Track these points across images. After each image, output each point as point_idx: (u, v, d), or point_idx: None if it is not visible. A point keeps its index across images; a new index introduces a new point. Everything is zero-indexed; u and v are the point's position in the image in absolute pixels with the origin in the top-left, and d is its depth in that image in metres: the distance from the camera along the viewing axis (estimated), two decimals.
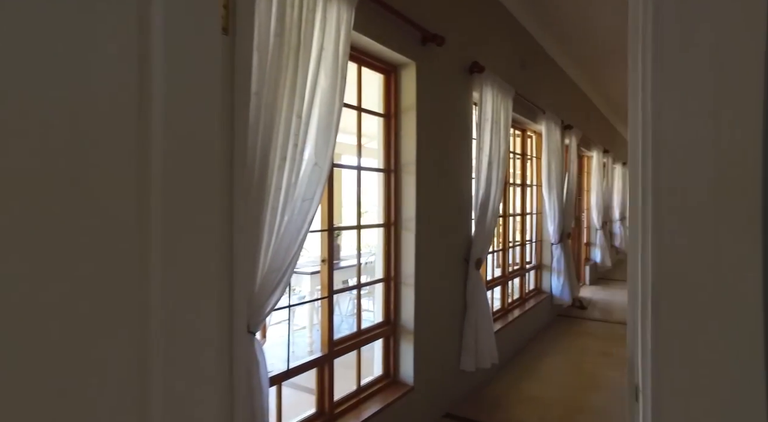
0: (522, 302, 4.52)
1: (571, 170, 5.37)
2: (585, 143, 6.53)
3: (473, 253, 2.99)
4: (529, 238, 4.93)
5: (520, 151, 4.67)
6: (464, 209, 3.05)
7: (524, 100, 3.97)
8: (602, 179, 7.37)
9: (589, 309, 5.61)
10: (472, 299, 2.96)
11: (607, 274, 8.21)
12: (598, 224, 7.36)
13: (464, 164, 3.07)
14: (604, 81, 6.36)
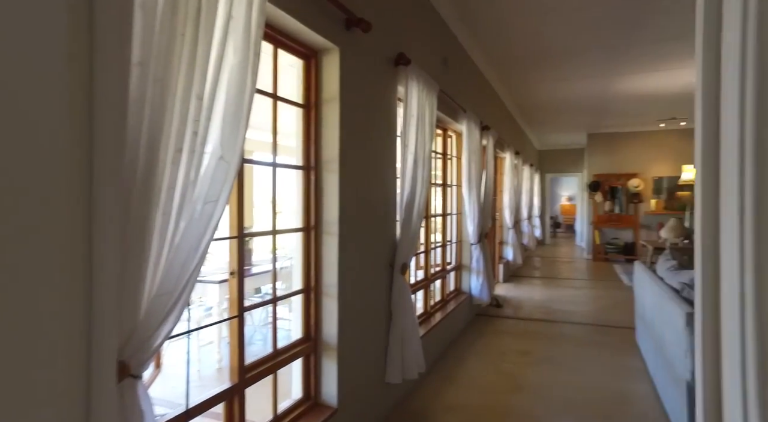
0: (444, 305, 4.46)
1: (489, 170, 5.45)
2: (499, 144, 6.71)
3: (398, 257, 2.82)
4: (449, 239, 4.90)
5: (442, 150, 4.61)
6: (389, 210, 2.87)
7: (447, 98, 3.90)
8: (514, 180, 7.66)
9: (504, 307, 5.75)
10: (398, 307, 2.79)
11: (518, 271, 8.57)
12: (510, 223, 7.64)
13: (389, 162, 2.88)
14: (516, 85, 6.58)
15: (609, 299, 6.19)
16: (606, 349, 4.06)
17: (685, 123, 9.30)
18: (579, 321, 5.09)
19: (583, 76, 6.00)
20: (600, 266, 9.35)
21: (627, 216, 10.28)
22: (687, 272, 2.81)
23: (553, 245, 13.58)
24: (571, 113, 8.52)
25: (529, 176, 10.23)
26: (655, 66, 5.58)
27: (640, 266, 4.00)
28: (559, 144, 13.17)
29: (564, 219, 18.84)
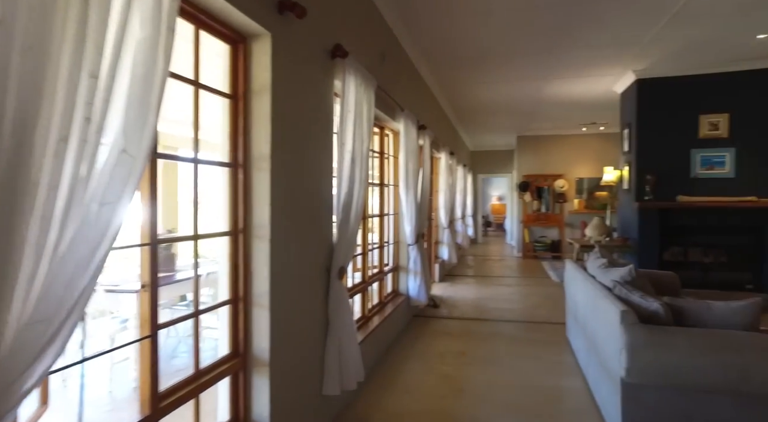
0: (382, 307, 4.35)
1: (425, 170, 5.42)
2: (435, 144, 6.73)
3: (336, 261, 2.66)
4: (387, 240, 4.81)
5: (379, 149, 4.50)
6: (326, 212, 2.69)
7: (385, 95, 3.79)
8: (449, 180, 7.75)
9: (441, 307, 5.75)
10: (336, 314, 2.62)
11: (453, 270, 8.69)
12: (445, 222, 7.71)
13: (326, 161, 2.71)
14: (452, 85, 6.64)
15: (539, 295, 6.41)
16: (539, 346, 4.15)
17: (604, 128, 9.92)
18: (512, 318, 5.20)
19: (516, 78, 6.17)
20: (529, 264, 9.74)
21: (553, 215, 10.80)
22: (617, 270, 2.90)
23: (485, 244, 14.01)
24: (502, 115, 8.77)
25: (463, 176, 10.44)
26: (581, 72, 5.84)
27: (571, 265, 4.13)
28: (490, 146, 13.60)
29: (495, 218, 19.56)
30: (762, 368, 2.02)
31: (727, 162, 5.57)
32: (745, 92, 5.52)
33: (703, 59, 5.34)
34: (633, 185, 5.91)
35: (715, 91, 5.60)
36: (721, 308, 2.29)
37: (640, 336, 2.15)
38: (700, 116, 5.63)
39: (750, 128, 5.51)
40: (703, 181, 5.64)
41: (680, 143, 5.71)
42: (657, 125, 5.76)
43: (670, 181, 5.70)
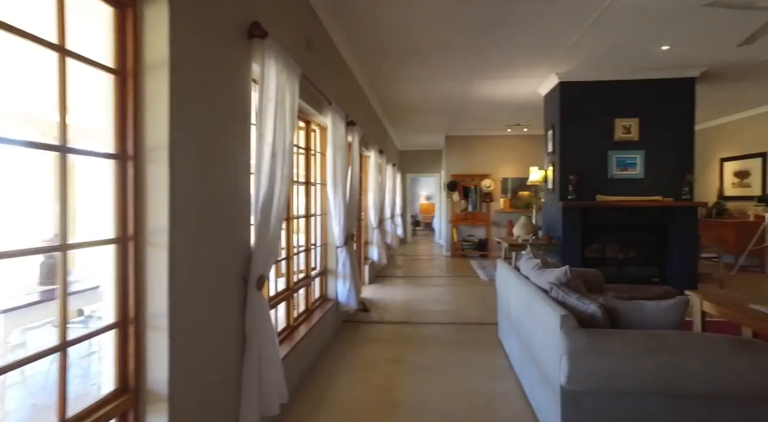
0: (309, 315, 4.05)
1: (354, 168, 5.18)
2: (364, 142, 6.51)
3: (254, 269, 2.33)
4: (314, 242, 4.50)
5: (305, 145, 4.19)
6: (241, 213, 2.36)
7: (311, 86, 3.49)
8: (378, 179, 7.57)
9: (371, 311, 5.54)
10: (254, 329, 2.29)
11: (383, 271, 8.54)
12: (375, 223, 7.52)
13: (241, 154, 2.37)
14: (381, 81, 6.45)
15: (469, 295, 6.41)
16: (473, 349, 4.07)
17: (527, 129, 10.29)
18: (444, 320, 5.11)
19: (446, 77, 6.11)
20: (458, 263, 9.85)
21: (480, 214, 11.03)
22: (552, 271, 2.84)
23: (414, 243, 14.07)
24: (431, 114, 8.76)
25: (392, 175, 10.35)
26: (509, 72, 5.90)
27: (502, 265, 4.08)
28: (419, 145, 13.67)
29: (423, 218, 19.81)
30: (693, 366, 2.00)
31: (638, 164, 5.89)
32: (651, 99, 5.87)
33: (618, 66, 5.59)
34: (557, 185, 6.08)
35: (627, 96, 5.91)
36: (653, 307, 2.27)
37: (581, 342, 2.06)
38: (615, 119, 5.91)
39: (655, 133, 5.87)
40: (619, 181, 5.93)
41: (599, 145, 5.96)
42: (578, 126, 5.97)
43: (590, 181, 5.93)
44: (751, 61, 5.50)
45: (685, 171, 5.84)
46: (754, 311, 3.28)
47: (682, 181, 5.81)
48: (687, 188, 5.79)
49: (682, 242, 5.79)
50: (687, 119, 5.87)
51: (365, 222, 7.73)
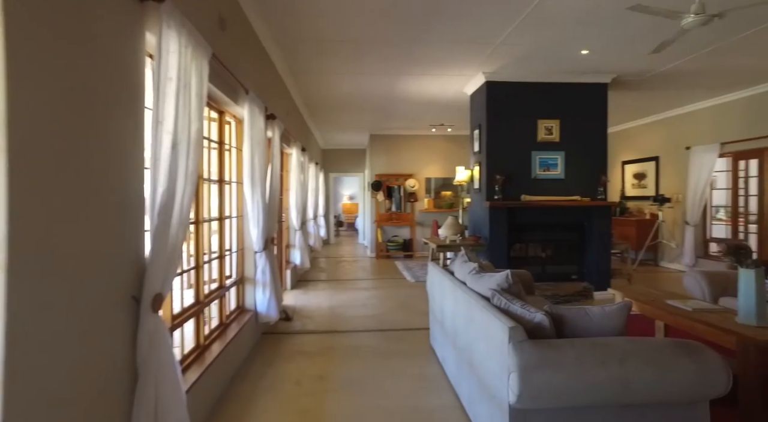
0: (224, 330, 3.57)
1: (275, 166, 4.74)
2: (285, 138, 6.08)
3: (149, 285, 1.87)
4: (228, 247, 4.02)
5: (218, 139, 3.70)
6: (131, 216, 1.90)
7: (225, 70, 3.04)
8: (301, 178, 7.14)
9: (294, 320, 5.13)
10: (149, 360, 1.84)
11: (306, 275, 8.12)
12: (297, 224, 7.09)
13: (132, 144, 1.91)
14: (304, 74, 6.05)
15: (397, 298, 6.22)
16: (404, 358, 3.84)
17: (451, 129, 10.38)
18: (373, 327, 4.85)
19: (372, 71, 5.85)
20: (383, 264, 9.67)
21: (405, 214, 10.96)
22: (492, 277, 2.67)
23: (337, 245, 13.72)
24: (356, 111, 8.48)
25: (315, 174, 9.93)
26: (436, 70, 5.77)
27: (435, 269, 3.89)
28: (342, 144, 13.35)
29: (346, 218, 19.52)
30: (642, 375, 1.90)
31: (559, 164, 6.06)
32: (570, 102, 6.07)
33: (541, 68, 5.69)
34: (484, 185, 6.08)
35: (549, 98, 6.05)
36: (597, 313, 2.17)
37: (532, 356, 1.88)
38: (538, 120, 6.03)
39: (574, 135, 6.08)
40: (542, 181, 6.05)
41: (523, 145, 6.04)
42: (504, 126, 6.01)
43: (515, 181, 5.99)
44: (651, 72, 5.87)
45: (599, 172, 6.10)
46: (671, 307, 3.38)
47: (597, 182, 6.06)
48: (602, 188, 6.05)
49: (598, 240, 6.04)
50: (600, 122, 6.14)
51: (287, 224, 7.27)
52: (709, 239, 8.15)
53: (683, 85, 6.68)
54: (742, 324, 2.91)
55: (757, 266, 2.94)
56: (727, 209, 7.90)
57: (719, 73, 6.01)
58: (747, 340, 2.70)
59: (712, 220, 8.20)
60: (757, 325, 2.86)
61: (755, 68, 5.84)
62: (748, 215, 7.55)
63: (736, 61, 5.52)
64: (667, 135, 8.84)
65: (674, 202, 8.49)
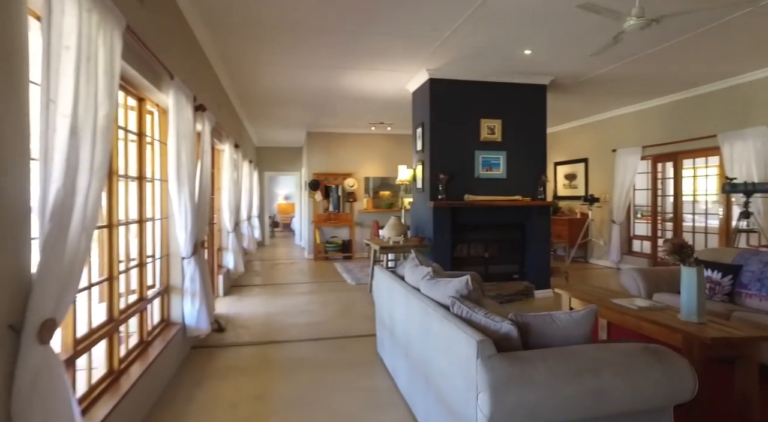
0: (144, 349, 3.11)
1: (206, 163, 4.29)
2: (217, 133, 5.59)
3: (35, 309, 1.46)
4: (151, 253, 3.54)
5: (137, 129, 3.23)
6: (7, 220, 1.48)
7: (144, 49, 2.61)
8: (234, 176, 6.63)
9: (228, 330, 4.70)
10: (31, 409, 1.44)
11: (240, 280, 7.60)
12: (230, 226, 6.59)
13: (9, 126, 1.49)
14: (238, 65, 5.59)
15: (338, 303, 5.93)
16: (351, 369, 3.57)
17: (391, 128, 10.23)
18: (314, 335, 4.53)
19: (311, 64, 5.51)
20: (322, 266, 9.32)
21: (344, 215, 10.67)
22: (448, 282, 2.48)
23: (273, 246, 13.15)
24: (294, 107, 8.08)
25: (249, 173, 9.38)
26: (379, 64, 5.55)
27: (382, 273, 3.66)
28: (278, 141, 12.80)
29: (282, 218, 18.87)
30: (615, 386, 1.79)
31: (501, 164, 6.07)
32: (512, 102, 6.11)
33: (485, 67, 5.66)
34: (427, 184, 5.95)
35: (492, 98, 6.04)
36: (564, 320, 2.04)
37: (503, 373, 1.70)
38: (481, 119, 6.00)
39: (515, 135, 6.12)
40: (485, 181, 6.03)
41: (467, 144, 5.98)
42: (448, 125, 5.92)
43: (459, 180, 5.92)
44: (585, 76, 6.04)
45: (539, 172, 6.19)
46: (617, 306, 3.39)
47: (537, 181, 6.15)
48: (541, 188, 6.15)
49: (538, 239, 6.13)
50: (540, 123, 6.24)
51: (218, 226, 6.73)
52: (632, 236, 8.63)
53: (612, 91, 6.97)
54: (685, 321, 2.95)
55: (699, 264, 3.00)
56: (647, 208, 8.40)
57: (645, 79, 6.31)
58: (692, 337, 2.73)
59: (635, 219, 8.70)
60: (698, 322, 2.92)
61: (674, 77, 6.20)
62: (665, 214, 8.08)
63: (660, 70, 5.81)
64: (595, 138, 9.26)
65: (602, 202, 8.91)
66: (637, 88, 6.90)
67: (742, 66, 5.78)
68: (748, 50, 5.13)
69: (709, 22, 4.24)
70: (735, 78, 6.29)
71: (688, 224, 7.58)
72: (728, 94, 6.49)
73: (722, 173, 6.83)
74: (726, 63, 5.59)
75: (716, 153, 6.88)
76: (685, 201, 7.64)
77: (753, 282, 4.04)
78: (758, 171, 6.06)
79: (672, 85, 6.71)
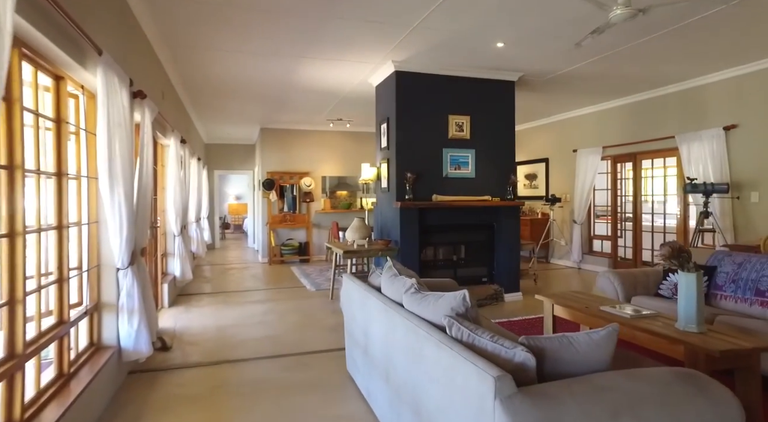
0: (65, 384, 2.55)
1: (146, 158, 3.71)
2: (160, 125, 4.98)
3: None
4: (76, 265, 2.96)
5: (54, 114, 2.65)
6: None
7: (58, 12, 2.08)
8: (181, 174, 5.99)
9: (173, 349, 4.13)
10: None
11: (188, 288, 6.94)
12: (176, 229, 5.94)
13: None
14: (185, 50, 5.00)
15: (298, 312, 5.46)
16: (318, 392, 3.14)
17: (350, 125, 9.80)
18: (273, 351, 4.06)
19: (270, 52, 5.01)
20: (278, 270, 8.76)
21: (300, 216, 10.14)
22: (439, 298, 2.12)
23: (224, 249, 12.39)
24: (246, 100, 7.48)
25: (198, 171, 8.66)
26: (342, 54, 5.14)
27: (353, 282, 3.25)
28: (229, 138, 12.05)
29: (233, 219, 17.98)
30: None
31: (469, 163, 5.82)
32: (480, 99, 5.87)
33: (454, 60, 5.37)
34: (393, 184, 5.59)
35: (461, 93, 5.77)
36: (583, 341, 1.73)
37: (530, 418, 1.35)
38: (449, 115, 5.71)
39: (484, 132, 5.89)
40: (453, 180, 5.75)
41: (435, 142, 5.68)
42: (415, 121, 5.59)
43: (426, 180, 5.60)
44: (553, 73, 5.90)
45: (508, 172, 5.99)
46: (607, 314, 3.17)
47: (506, 181, 5.94)
48: (510, 188, 5.95)
49: (507, 240, 5.92)
50: (508, 121, 6.04)
51: (163, 229, 6.07)
52: (593, 236, 8.68)
53: (575, 90, 6.90)
54: (684, 331, 2.75)
55: (698, 270, 2.81)
56: (607, 208, 8.46)
57: (608, 79, 6.26)
58: (697, 350, 2.53)
59: (595, 219, 8.75)
60: (698, 331, 2.73)
61: (637, 77, 6.18)
62: (625, 213, 8.16)
63: (624, 69, 5.76)
64: (556, 138, 9.26)
65: (563, 202, 8.91)
66: (599, 88, 6.87)
67: (703, 68, 5.83)
68: (711, 52, 5.14)
69: (691, 16, 4.13)
70: (692, 80, 6.37)
71: (647, 224, 7.66)
72: (686, 96, 6.57)
73: (680, 173, 6.94)
74: (689, 63, 5.61)
75: (674, 154, 6.97)
76: (644, 201, 7.73)
77: (728, 284, 3.97)
78: (714, 171, 6.15)
79: (633, 86, 6.72)
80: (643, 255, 7.69)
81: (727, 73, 5.96)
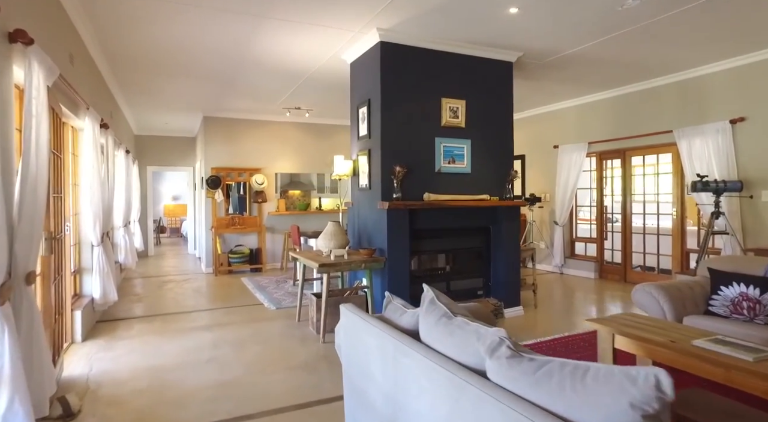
0: None
1: (38, 139, 2.46)
2: (66, 97, 3.67)
3: None
4: None
5: None
6: None
7: None
8: (102, 168, 4.62)
9: (84, 415, 2.87)
10: None
11: (112, 311, 5.54)
12: (96, 237, 4.58)
13: None
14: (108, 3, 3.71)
15: (259, 342, 4.29)
16: None
17: (309, 115, 8.65)
18: (234, 412, 2.91)
19: (218, 7, 3.82)
20: (227, 283, 7.44)
21: (251, 218, 8.85)
22: (582, 374, 1.14)
23: (159, 257, 10.77)
24: (186, 78, 6.15)
25: (127, 166, 7.18)
26: (317, 14, 4.03)
27: (369, 322, 2.18)
28: (164, 129, 10.46)
29: (169, 222, 16.16)
30: None
31: (465, 155, 4.91)
32: (476, 81, 4.98)
33: (450, 31, 4.42)
34: (377, 180, 4.56)
35: (455, 73, 4.85)
36: None
37: None
38: (442, 99, 4.77)
39: (480, 120, 5.01)
40: (447, 176, 4.81)
41: (426, 130, 4.71)
42: (402, 103, 4.59)
43: (415, 175, 4.62)
44: (556, 55, 5.15)
45: (507, 166, 5.15)
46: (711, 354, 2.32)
47: (505, 177, 5.09)
48: (510, 185, 5.11)
49: (506, 247, 5.07)
50: (507, 107, 5.21)
51: (76, 239, 4.69)
52: (575, 238, 8.09)
53: (567, 78, 6.19)
54: None
55: None
56: (591, 208, 7.90)
57: (607, 65, 5.60)
58: None
59: (577, 220, 8.18)
60: None
61: (637, 65, 5.56)
62: (613, 214, 7.63)
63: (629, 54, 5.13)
64: (534, 133, 8.60)
65: (543, 201, 8.28)
66: (592, 77, 6.21)
67: (704, 56, 5.32)
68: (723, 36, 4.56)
69: None
70: (691, 70, 5.88)
71: (638, 225, 7.14)
72: (685, 87, 6.06)
73: (676, 170, 6.45)
74: (699, 49, 5.03)
75: (669, 150, 6.47)
76: (633, 201, 7.21)
77: None
78: (719, 168, 5.66)
79: (628, 75, 6.15)
80: (634, 259, 7.16)
81: (733, 62, 5.48)
